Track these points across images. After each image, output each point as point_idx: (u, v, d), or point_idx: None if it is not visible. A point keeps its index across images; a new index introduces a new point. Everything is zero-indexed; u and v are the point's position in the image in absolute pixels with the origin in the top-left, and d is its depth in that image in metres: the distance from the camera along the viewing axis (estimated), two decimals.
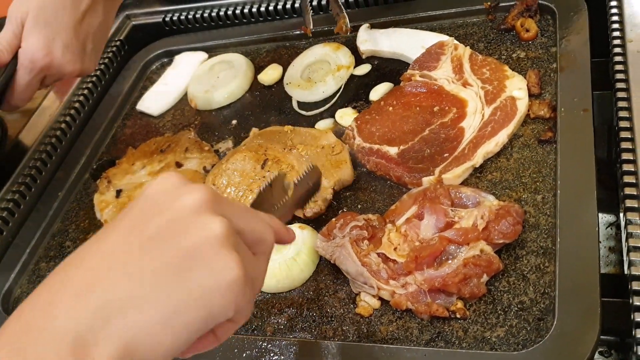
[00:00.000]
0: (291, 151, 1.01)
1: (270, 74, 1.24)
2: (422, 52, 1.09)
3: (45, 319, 0.45)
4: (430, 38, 1.12)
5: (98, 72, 1.38)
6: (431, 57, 1.07)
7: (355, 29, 1.23)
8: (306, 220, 0.94)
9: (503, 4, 1.12)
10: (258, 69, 1.27)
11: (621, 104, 0.87)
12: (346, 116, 1.08)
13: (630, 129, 0.84)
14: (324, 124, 1.09)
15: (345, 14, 1.13)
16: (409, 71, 1.06)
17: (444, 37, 1.11)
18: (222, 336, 0.54)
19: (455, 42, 1.08)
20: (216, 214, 0.50)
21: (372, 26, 1.22)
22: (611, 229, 1.00)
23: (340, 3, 1.13)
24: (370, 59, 1.18)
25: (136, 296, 0.46)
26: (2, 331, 0.45)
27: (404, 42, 1.15)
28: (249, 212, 0.56)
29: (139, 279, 0.47)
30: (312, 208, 0.92)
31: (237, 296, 0.49)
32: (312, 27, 1.15)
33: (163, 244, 0.49)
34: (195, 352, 0.53)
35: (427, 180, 0.89)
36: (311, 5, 1.11)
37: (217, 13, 1.40)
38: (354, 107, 1.10)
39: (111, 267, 0.48)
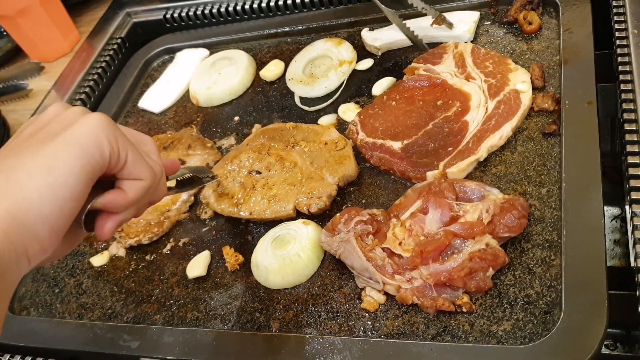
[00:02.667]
0: (294, 148, 1.01)
1: (272, 70, 1.23)
2: (443, 28, 1.10)
3: None
4: (450, 16, 1.13)
5: (99, 70, 1.38)
6: (434, 54, 1.07)
7: (354, 27, 1.24)
8: (310, 216, 0.94)
9: None
10: (260, 65, 1.27)
11: (625, 95, 0.87)
12: (349, 111, 1.08)
13: (635, 121, 0.83)
14: (326, 120, 1.09)
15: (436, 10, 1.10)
16: (412, 64, 1.06)
17: (462, 14, 1.12)
18: (130, 191, 0.59)
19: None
20: (71, 107, 0.59)
21: (374, 21, 1.22)
22: (616, 221, 1.00)
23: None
24: (371, 54, 1.18)
25: (17, 162, 0.52)
26: None
27: (421, 26, 1.14)
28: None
29: (18, 154, 0.53)
30: (317, 204, 0.92)
31: (106, 133, 0.55)
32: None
33: (33, 135, 0.56)
34: (108, 206, 0.58)
35: (431, 175, 0.89)
36: None
37: (218, 9, 1.40)
38: (356, 102, 1.10)
39: None
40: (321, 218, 0.93)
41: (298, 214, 0.95)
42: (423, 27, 1.14)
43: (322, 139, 1.00)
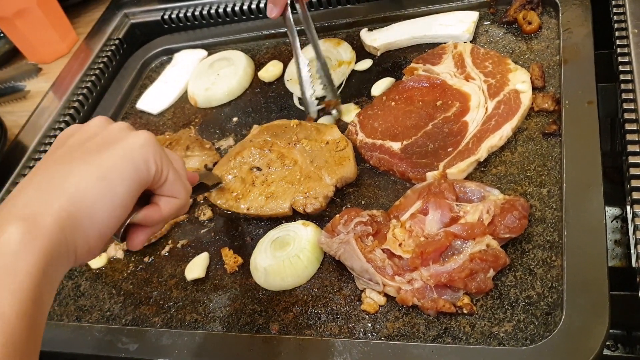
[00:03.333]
0: (295, 146, 1.00)
1: (270, 71, 1.23)
2: (443, 28, 1.09)
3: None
4: (449, 16, 1.13)
5: (97, 71, 1.37)
6: (434, 55, 1.07)
7: (352, 27, 1.23)
8: (309, 217, 0.93)
9: None
10: (258, 65, 1.27)
11: (626, 95, 0.87)
12: (348, 112, 1.07)
13: (636, 121, 0.83)
14: (324, 121, 1.08)
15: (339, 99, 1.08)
16: (412, 64, 1.06)
17: (461, 14, 1.12)
18: (165, 208, 0.65)
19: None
20: (115, 123, 0.64)
21: (373, 22, 1.22)
22: (616, 222, 1.00)
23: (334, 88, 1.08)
24: (370, 54, 1.17)
25: (73, 169, 0.56)
26: None
27: (420, 26, 1.14)
28: None
29: (71, 161, 0.57)
30: (313, 204, 0.92)
31: (154, 151, 0.61)
32: (315, 117, 1.08)
33: (82, 144, 0.60)
34: (144, 219, 0.64)
35: (431, 175, 0.89)
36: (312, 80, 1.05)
37: (217, 10, 1.39)
38: (356, 103, 1.09)
39: (45, 167, 0.58)
40: (320, 219, 0.93)
41: (295, 213, 0.94)
42: (421, 27, 1.14)
43: (324, 138, 1.00)
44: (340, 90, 1.13)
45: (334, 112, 1.07)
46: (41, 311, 0.51)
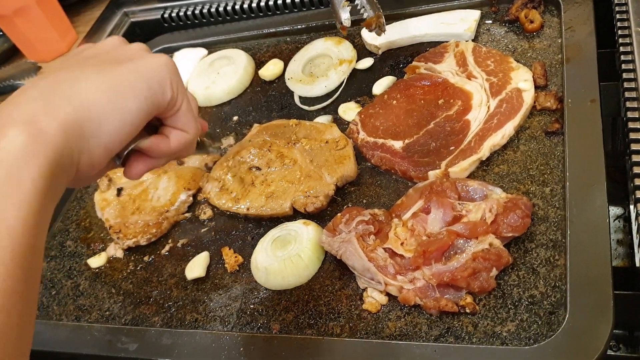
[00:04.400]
0: (295, 145, 1.00)
1: (271, 70, 1.22)
2: (444, 27, 1.09)
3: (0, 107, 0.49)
4: (451, 14, 1.12)
5: None
6: (435, 53, 1.06)
7: (354, 25, 1.22)
8: (310, 216, 0.93)
9: None
10: (259, 64, 1.26)
11: (629, 94, 0.86)
12: (349, 110, 1.07)
13: (639, 119, 0.83)
14: (322, 120, 1.08)
15: (380, 12, 1.05)
16: (413, 63, 1.05)
17: (463, 13, 1.11)
18: (173, 140, 0.62)
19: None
20: (134, 43, 0.62)
21: None
22: (619, 221, 0.99)
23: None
24: (371, 53, 1.17)
25: (82, 75, 0.52)
26: None
27: (421, 25, 1.13)
28: None
29: (82, 68, 0.53)
30: (314, 203, 0.91)
31: (171, 76, 0.57)
32: (348, 25, 1.03)
33: (97, 56, 0.57)
34: (149, 150, 0.60)
35: (433, 174, 0.88)
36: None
37: (217, 8, 1.39)
38: (357, 102, 1.09)
39: (54, 71, 0.53)
40: (322, 218, 0.92)
41: (295, 212, 0.94)
42: (423, 26, 1.14)
43: (324, 137, 1.00)
44: (341, 89, 1.12)
45: (375, 32, 1.03)
46: (44, 224, 0.48)
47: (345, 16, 1.01)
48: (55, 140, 0.47)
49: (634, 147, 0.81)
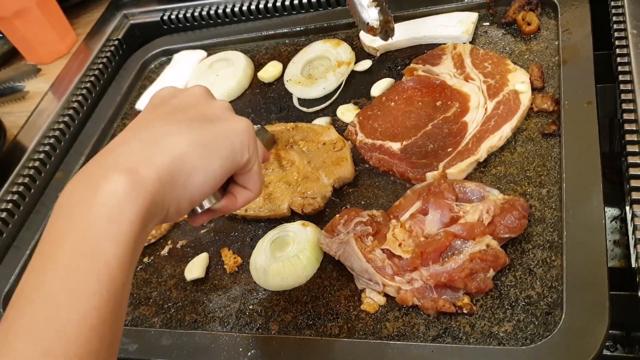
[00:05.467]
0: (292, 147, 1.00)
1: (270, 72, 1.23)
2: (442, 29, 1.09)
3: (102, 155, 0.55)
4: (449, 17, 1.13)
5: (97, 72, 1.37)
6: (433, 55, 1.07)
7: (352, 28, 1.23)
8: (308, 217, 0.93)
9: None
10: (258, 66, 1.27)
11: (625, 96, 0.87)
12: (348, 112, 1.07)
13: (635, 121, 0.83)
14: (320, 122, 1.08)
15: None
16: (411, 65, 1.06)
17: (460, 15, 1.12)
18: (240, 199, 0.67)
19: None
20: (219, 99, 0.66)
21: None
22: (615, 222, 1.00)
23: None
24: (369, 55, 1.17)
25: (177, 131, 0.57)
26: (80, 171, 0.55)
27: (419, 27, 1.14)
28: None
29: (176, 122, 0.58)
30: (311, 204, 0.92)
31: (250, 140, 0.62)
32: (377, 24, 0.98)
33: (185, 110, 0.61)
34: (220, 209, 0.66)
35: (430, 176, 0.89)
36: None
37: (216, 11, 1.39)
38: (355, 103, 1.09)
39: (150, 121, 0.59)
40: (320, 219, 0.93)
41: (293, 214, 0.95)
42: (421, 28, 1.14)
43: (321, 138, 1.00)
44: (339, 91, 1.13)
45: (380, 36, 1.03)
46: (135, 262, 0.53)
47: (373, 16, 0.99)
48: (152, 188, 0.53)
49: (629, 148, 0.81)
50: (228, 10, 1.38)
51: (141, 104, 1.30)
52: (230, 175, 0.63)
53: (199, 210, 0.65)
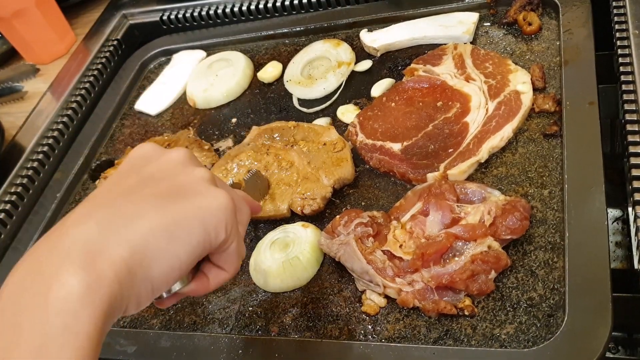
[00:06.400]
0: (292, 147, 1.00)
1: (269, 72, 1.22)
2: (442, 29, 1.09)
3: (56, 238, 0.49)
4: (450, 17, 1.12)
5: (96, 72, 1.37)
6: (434, 56, 1.06)
7: (352, 28, 1.23)
8: (308, 218, 0.92)
9: None
10: (257, 66, 1.26)
11: (627, 96, 0.86)
12: (348, 113, 1.07)
13: (637, 122, 0.83)
14: (321, 123, 1.08)
15: None
16: (412, 65, 1.05)
17: (461, 15, 1.11)
18: (213, 281, 0.60)
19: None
20: (199, 166, 0.59)
21: (373, 22, 1.21)
22: (617, 223, 0.99)
23: None
24: (370, 55, 1.17)
25: (140, 212, 0.51)
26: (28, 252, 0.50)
27: (420, 27, 1.14)
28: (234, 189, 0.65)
29: (140, 201, 0.52)
30: (311, 205, 0.91)
31: (227, 218, 0.55)
32: None
33: (157, 181, 0.55)
34: (189, 292, 0.59)
35: (431, 176, 0.88)
36: None
37: (215, 11, 1.39)
38: (355, 104, 1.09)
39: (113, 196, 0.53)
40: (320, 220, 0.92)
41: (293, 214, 0.94)
42: (421, 28, 1.14)
43: (322, 139, 1.00)
44: (339, 91, 1.12)
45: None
46: None
47: None
48: (109, 289, 0.47)
49: (632, 149, 0.81)
50: (228, 10, 1.37)
51: (140, 104, 1.29)
52: (201, 258, 0.56)
53: (165, 295, 0.59)
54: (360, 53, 1.18)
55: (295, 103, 1.15)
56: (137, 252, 0.49)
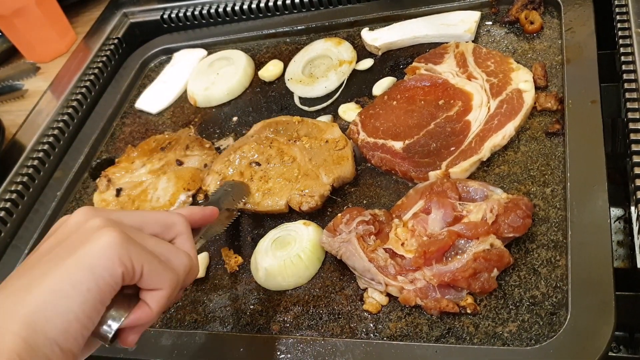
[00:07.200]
0: (295, 143, 1.00)
1: (271, 70, 1.22)
2: (444, 28, 1.09)
3: None
4: (451, 15, 1.12)
5: (96, 70, 1.36)
6: (435, 54, 1.06)
7: (354, 26, 1.23)
8: (310, 216, 0.92)
9: None
10: (258, 65, 1.26)
11: (629, 95, 0.86)
12: (349, 111, 1.07)
13: None
14: (325, 119, 1.08)
15: None
16: (414, 63, 1.05)
17: (463, 14, 1.11)
18: (154, 306, 0.59)
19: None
20: (96, 216, 0.58)
21: (374, 21, 1.21)
22: (619, 222, 0.99)
23: None
24: (371, 54, 1.17)
25: (31, 284, 0.53)
26: None
27: (421, 26, 1.14)
28: (140, 212, 0.65)
29: (27, 273, 0.54)
30: (308, 202, 0.91)
31: (120, 253, 0.55)
32: None
33: (52, 249, 0.57)
34: (133, 324, 0.59)
35: (433, 175, 0.88)
36: None
37: (216, 9, 1.39)
38: (357, 102, 1.09)
39: (9, 279, 0.55)
40: (322, 218, 0.92)
41: (291, 211, 0.94)
42: (423, 27, 1.14)
43: (325, 136, 0.99)
44: (340, 89, 1.12)
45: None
46: None
47: None
48: None
49: (634, 147, 0.81)
50: (228, 8, 1.37)
51: (141, 103, 1.29)
52: (109, 299, 0.55)
53: (109, 336, 0.58)
54: (362, 52, 1.18)
55: (297, 101, 1.14)
56: (30, 322, 0.50)
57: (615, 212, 0.99)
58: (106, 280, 0.54)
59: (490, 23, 1.11)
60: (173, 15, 1.43)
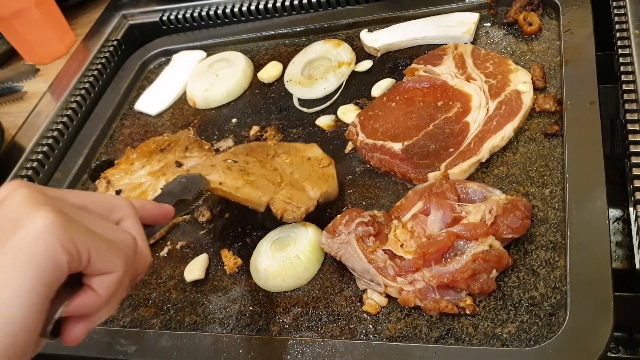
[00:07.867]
0: (274, 159, 0.97)
1: (270, 72, 1.22)
2: (443, 30, 1.09)
3: None
4: (450, 17, 1.13)
5: (95, 72, 1.37)
6: (434, 56, 1.06)
7: (353, 28, 1.23)
8: (309, 218, 0.92)
9: None
10: (257, 66, 1.26)
11: (628, 96, 0.87)
12: (348, 112, 1.07)
13: (638, 121, 0.83)
14: (324, 119, 1.08)
15: None
16: (413, 65, 1.05)
17: (462, 15, 1.11)
18: (101, 290, 0.51)
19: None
20: (23, 189, 0.49)
21: (373, 23, 1.22)
22: (618, 223, 0.99)
23: None
24: (370, 55, 1.17)
25: None
26: None
27: (420, 27, 1.14)
28: (82, 191, 0.59)
29: None
30: (293, 212, 0.86)
31: (59, 236, 0.46)
32: None
33: None
34: (76, 312, 0.51)
35: (432, 176, 0.88)
36: None
37: (215, 11, 1.39)
38: (356, 104, 1.09)
39: None
40: (321, 220, 0.92)
41: (266, 212, 0.88)
42: (422, 28, 1.14)
43: (304, 154, 0.98)
44: (339, 91, 1.12)
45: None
46: None
47: None
48: None
49: (633, 148, 0.81)
50: (228, 10, 1.37)
51: (140, 104, 1.29)
52: (55, 289, 0.48)
53: (48, 329, 0.50)
54: (361, 53, 1.18)
55: (296, 103, 1.15)
56: None
57: (614, 213, 0.99)
58: (50, 272, 0.46)
59: (489, 24, 1.11)
60: (172, 17, 1.44)
